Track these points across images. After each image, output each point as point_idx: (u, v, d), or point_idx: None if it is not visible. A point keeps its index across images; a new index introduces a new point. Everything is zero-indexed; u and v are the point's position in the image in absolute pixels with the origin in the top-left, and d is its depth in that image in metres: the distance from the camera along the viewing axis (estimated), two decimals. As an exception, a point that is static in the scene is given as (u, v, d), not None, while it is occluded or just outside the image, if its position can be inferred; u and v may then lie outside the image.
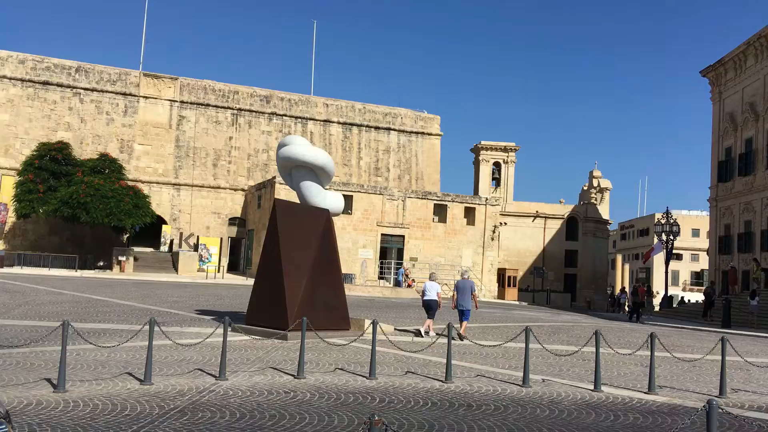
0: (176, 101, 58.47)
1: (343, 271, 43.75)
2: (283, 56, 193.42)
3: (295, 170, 17.71)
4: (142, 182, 54.97)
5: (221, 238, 56.90)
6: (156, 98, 57.89)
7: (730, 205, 48.10)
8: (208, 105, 59.50)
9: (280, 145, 17.96)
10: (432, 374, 12.04)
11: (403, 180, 65.64)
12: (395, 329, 18.86)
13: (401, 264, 50.26)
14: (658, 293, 45.93)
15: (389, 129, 65.99)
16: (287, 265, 16.03)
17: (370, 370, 11.41)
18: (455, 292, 18.19)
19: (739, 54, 47.62)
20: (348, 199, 49.33)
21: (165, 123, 58.08)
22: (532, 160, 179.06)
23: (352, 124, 64.69)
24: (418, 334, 17.88)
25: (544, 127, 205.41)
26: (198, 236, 56.34)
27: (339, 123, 64.27)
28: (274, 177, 49.44)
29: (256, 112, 61.28)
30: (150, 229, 53.45)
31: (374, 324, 12.10)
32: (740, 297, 34.46)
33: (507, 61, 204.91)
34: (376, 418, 4.63)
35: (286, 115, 62.32)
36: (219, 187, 59.22)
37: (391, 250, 52.67)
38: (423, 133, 67.56)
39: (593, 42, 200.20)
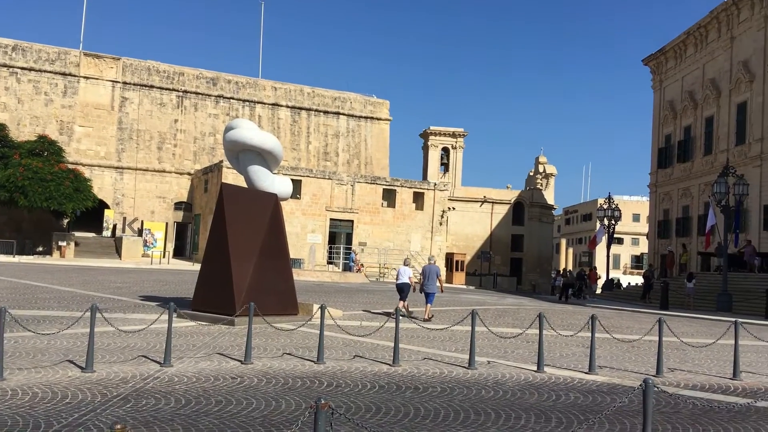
0: (118, 82, 56.86)
1: (292, 256, 43.50)
2: (230, 38, 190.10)
3: (242, 154, 17.49)
4: (83, 165, 53.38)
5: (166, 223, 55.84)
6: (97, 79, 56.18)
7: (669, 191, 49.64)
8: (152, 86, 58.06)
9: (227, 129, 17.69)
10: (380, 358, 12.12)
11: (352, 165, 65.52)
12: (371, 312, 18.92)
13: (350, 249, 50.30)
14: (600, 276, 47.12)
15: (338, 113, 65.68)
16: (234, 250, 15.86)
17: (318, 354, 11.42)
18: (421, 276, 19.16)
19: (680, 43, 48.96)
20: (297, 184, 48.97)
21: (107, 104, 56.46)
22: (481, 146, 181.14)
23: (300, 108, 64.12)
24: (390, 315, 18.46)
25: (492, 113, 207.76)
26: (142, 221, 55.17)
27: (288, 107, 63.62)
28: (222, 161, 48.70)
29: (202, 94, 60.10)
30: (92, 214, 52.06)
31: (322, 309, 12.11)
32: (677, 280, 35.69)
33: (456, 48, 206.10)
34: (323, 401, 4.64)
35: (233, 98, 61.33)
36: (164, 171, 58.00)
37: (340, 235, 52.62)
38: (372, 117, 67.47)
39: (540, 30, 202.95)
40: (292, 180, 45.82)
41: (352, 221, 52.56)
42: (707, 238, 36.33)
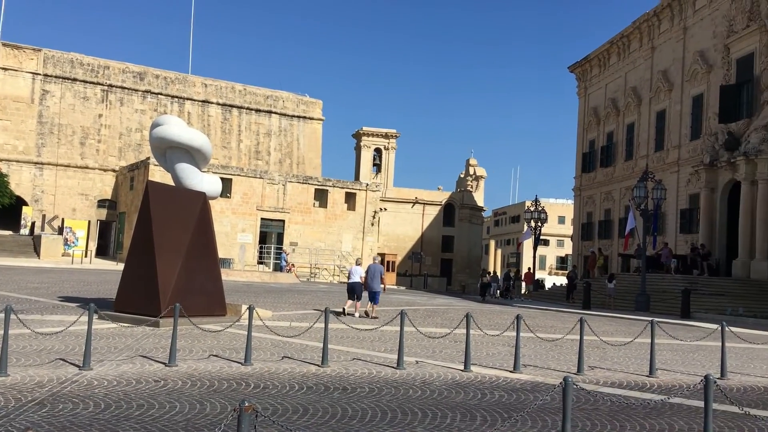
0: (39, 74, 54.59)
1: (221, 255, 42.75)
2: (158, 31, 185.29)
3: (169, 151, 17.06)
4: (0, 160, 50.98)
5: (89, 221, 53.95)
6: (16, 70, 53.79)
7: (592, 195, 51.33)
8: (75, 80, 56.00)
9: (154, 125, 17.23)
10: (309, 359, 12.05)
11: (284, 164, 64.95)
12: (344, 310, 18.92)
13: (281, 249, 49.85)
14: (522, 277, 48.38)
15: (270, 112, 65.00)
16: (160, 249, 15.46)
17: (246, 356, 11.26)
18: (366, 276, 19.84)
19: (604, 52, 50.71)
20: (227, 183, 48.20)
21: (26, 97, 54.10)
22: (413, 148, 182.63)
23: (232, 106, 63.13)
24: (341, 314, 19.47)
25: (424, 115, 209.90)
26: (63, 219, 53.10)
27: (218, 104, 62.53)
28: (149, 158, 47.42)
29: (128, 89, 58.38)
30: (9, 211, 49.78)
31: (251, 309, 11.95)
32: (599, 280, 36.93)
33: (390, 50, 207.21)
34: (247, 404, 4.58)
35: (161, 94, 59.82)
36: (87, 167, 56.04)
37: (271, 235, 52.08)
38: (305, 117, 67.08)
39: (472, 34, 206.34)
40: (223, 179, 45.06)
41: (283, 221, 52.12)
42: (626, 241, 37.74)
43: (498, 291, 40.28)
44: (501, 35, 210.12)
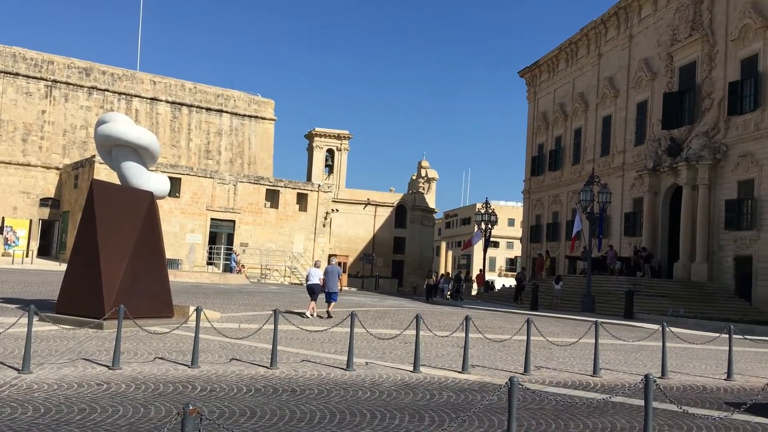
0: (-21, 68, 52.67)
1: (170, 256, 41.98)
2: (105, 26, 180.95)
3: (115, 149, 16.68)
4: (-64, 156, 49.06)
5: (30, 220, 52.30)
6: (-46, 63, 51.79)
7: (541, 198, 52.24)
8: (17, 74, 54.23)
9: (99, 123, 16.82)
10: (257, 361, 11.95)
11: (235, 164, 64.17)
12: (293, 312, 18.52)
13: (231, 249, 49.25)
14: (473, 278, 48.93)
15: (221, 111, 64.14)
16: (104, 249, 15.09)
17: (193, 358, 11.09)
18: (324, 277, 20.45)
19: (552, 58, 51.68)
20: (176, 182, 47.39)
21: (-35, 91, 52.14)
22: (365, 149, 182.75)
23: (181, 104, 62.06)
24: (303, 315, 19.88)
25: (377, 117, 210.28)
26: (3, 218, 51.33)
27: (167, 102, 61.38)
28: (94, 156, 46.25)
29: (74, 85, 56.81)
30: (-55, 209, 47.88)
31: (198, 311, 11.77)
32: (547, 282, 37.61)
33: (343, 51, 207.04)
34: (191, 407, 4.51)
35: (108, 91, 58.40)
36: (29, 165, 54.32)
37: (221, 235, 51.40)
38: (257, 117, 66.42)
39: (425, 37, 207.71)
40: (172, 178, 44.29)
41: (233, 221, 51.50)
42: (573, 243, 38.52)
43: (449, 292, 40.66)
44: (453, 38, 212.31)
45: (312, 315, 20.07)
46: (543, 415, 8.98)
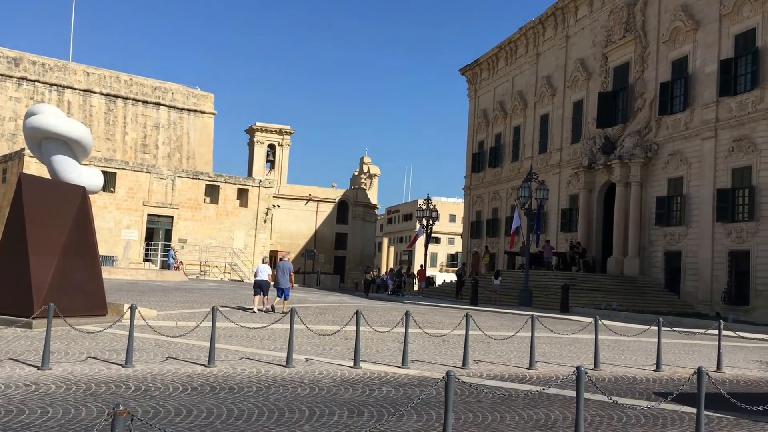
0: None
1: (104, 252, 40.80)
2: (36, 14, 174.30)
3: (45, 142, 16.08)
4: None
5: (-44, 216, 49.99)
6: None
7: (481, 194, 52.99)
8: (-60, 62, 51.71)
9: (28, 114, 16.17)
10: (195, 359, 11.74)
11: (173, 158, 62.82)
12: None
13: (169, 246, 48.24)
14: (415, 274, 49.23)
15: (159, 104, 62.66)
16: (34, 245, 14.54)
17: (127, 357, 10.81)
18: (275, 273, 21.03)
19: (492, 56, 52.44)
20: (110, 177, 46.12)
21: None
22: (307, 145, 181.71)
23: (117, 96, 60.35)
24: (251, 311, 20.36)
25: (319, 113, 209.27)
26: (-75, 213, 48.94)
27: (102, 94, 59.60)
28: (23, 149, 44.52)
29: (2, 75, 54.55)
30: None
31: (132, 308, 11.49)
32: (486, 277, 38.21)
33: (284, 44, 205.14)
34: (122, 407, 4.39)
35: (39, 81, 56.32)
36: (-46, 158, 51.89)
37: (158, 231, 50.29)
38: (196, 110, 65.17)
39: (368, 33, 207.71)
40: (106, 172, 43.06)
41: (171, 217, 50.45)
42: (512, 239, 39.25)
43: (391, 288, 40.84)
44: (396, 34, 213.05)
45: (260, 310, 20.47)
46: (480, 407, 9.12)
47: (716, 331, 14.36)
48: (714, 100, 30.31)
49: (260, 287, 20.85)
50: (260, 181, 55.87)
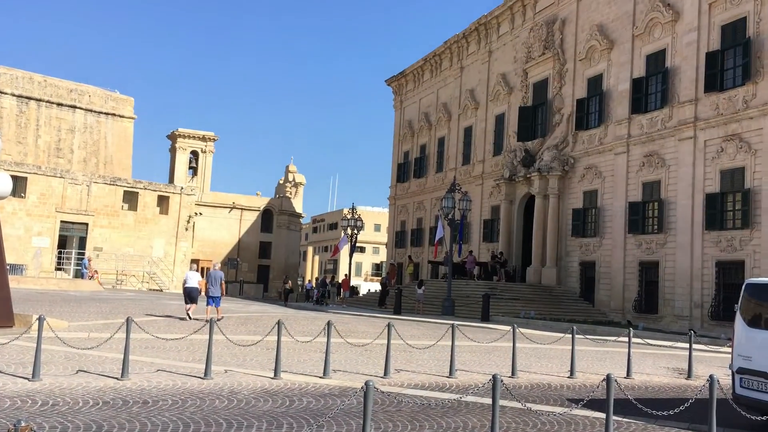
0: None
1: (12, 261, 38.89)
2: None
3: (-52, 144, 15.23)
4: None
5: None
6: None
7: (406, 204, 53.52)
8: None
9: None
10: (107, 372, 11.33)
11: (89, 164, 60.52)
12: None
13: (84, 254, 46.41)
14: (338, 282, 49.06)
15: (75, 107, 60.27)
16: (-67, 254, 13.73)
17: (34, 370, 10.33)
18: (206, 281, 21.26)
19: (418, 68, 53.20)
20: (21, 181, 44.07)
21: None
22: (232, 152, 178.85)
23: (29, 98, 57.66)
24: (184, 319, 20.56)
25: (244, 120, 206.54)
26: None
27: (13, 95, 56.83)
28: (-75, 150, 41.96)
29: None
30: None
31: (41, 319, 10.99)
32: (410, 286, 38.56)
33: (208, 51, 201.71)
34: (24, 424, 4.20)
35: (-57, 79, 53.24)
36: None
37: (72, 239, 48.32)
38: (114, 114, 63.02)
39: (294, 40, 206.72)
40: (17, 177, 41.12)
41: (87, 224, 48.60)
42: (436, 248, 39.78)
43: (315, 297, 40.67)
44: (323, 43, 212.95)
45: (194, 319, 20.64)
46: (400, 416, 9.18)
47: (627, 339, 14.96)
48: (626, 116, 31.70)
49: (190, 295, 21.02)
50: (182, 188, 54.59)
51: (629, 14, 32.30)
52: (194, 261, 56.52)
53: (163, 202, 52.45)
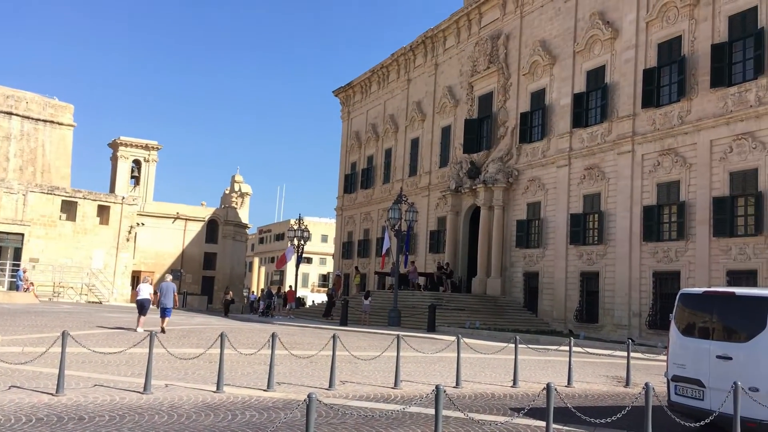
0: None
1: (-60, 273, 37.21)
2: None
3: None
4: None
5: None
6: None
7: (353, 215, 53.53)
8: None
9: None
10: (41, 387, 10.94)
11: (26, 172, 58.51)
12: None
13: (19, 265, 44.77)
14: (284, 293, 48.53)
15: (11, 114, 58.25)
16: None
17: (-38, 388, 9.90)
18: (158, 293, 21.82)
19: (366, 80, 53.44)
20: (-48, 190, 42.29)
21: None
22: (176, 162, 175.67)
23: (-38, 103, 55.51)
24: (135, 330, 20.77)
25: (188, 128, 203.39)
26: None
27: (-56, 99, 54.63)
28: None
29: None
30: None
31: (-30, 335, 10.55)
32: (357, 297, 38.50)
33: (152, 59, 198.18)
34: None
35: None
36: None
37: (6, 250, 46.54)
38: (52, 122, 61.18)
39: (240, 51, 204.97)
40: (-54, 185, 39.41)
41: (22, 234, 46.92)
42: (383, 259, 39.86)
43: (261, 308, 40.23)
44: (270, 52, 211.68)
45: (138, 329, 20.98)
46: (344, 428, 9.14)
47: (568, 348, 15.26)
48: (568, 130, 32.48)
49: (142, 307, 21.59)
50: (123, 197, 53.31)
51: (570, 31, 33.18)
52: (136, 273, 55.27)
53: (103, 212, 51.11)
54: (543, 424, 9.12)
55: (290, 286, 46.85)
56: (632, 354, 16.04)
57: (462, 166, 39.19)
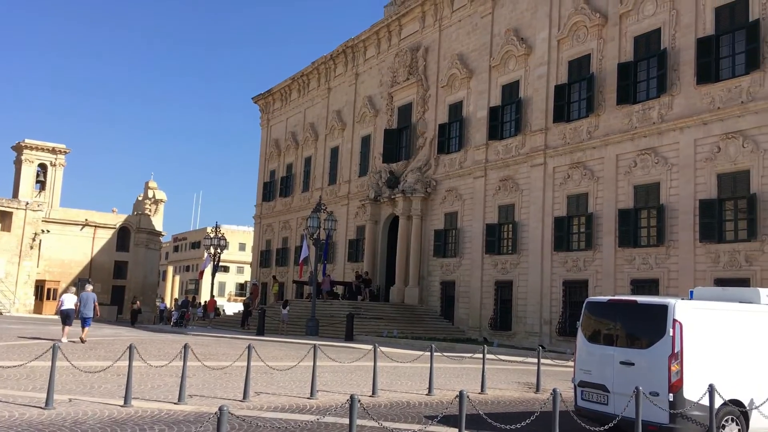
0: None
1: None
2: None
3: None
4: None
5: None
6: None
7: (271, 223, 52.94)
8: None
9: None
10: (-70, 405, 10.24)
11: None
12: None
13: None
14: (200, 303, 47.40)
15: None
16: None
17: None
18: (78, 303, 21.74)
19: (286, 87, 53.11)
20: None
21: None
22: (86, 167, 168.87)
23: None
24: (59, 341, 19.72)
25: (100, 134, 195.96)
26: None
27: None
28: None
29: None
30: None
31: None
32: (274, 307, 38.05)
33: (60, 54, 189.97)
34: None
35: None
36: None
37: None
38: (-50, 121, 57.72)
39: (157, 53, 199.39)
40: None
41: None
42: (301, 268, 39.57)
43: (175, 318, 39.11)
44: (186, 57, 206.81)
45: (63, 339, 20.98)
46: (257, 441, 8.98)
47: (482, 356, 15.57)
48: (484, 142, 33.27)
49: (67, 317, 21.66)
50: (27, 203, 50.84)
51: (487, 46, 34.06)
52: (41, 282, 52.67)
53: (5, 218, 48.57)
54: (456, 430, 9.26)
55: (211, 296, 45.79)
56: (543, 360, 16.53)
57: (381, 176, 39.47)
